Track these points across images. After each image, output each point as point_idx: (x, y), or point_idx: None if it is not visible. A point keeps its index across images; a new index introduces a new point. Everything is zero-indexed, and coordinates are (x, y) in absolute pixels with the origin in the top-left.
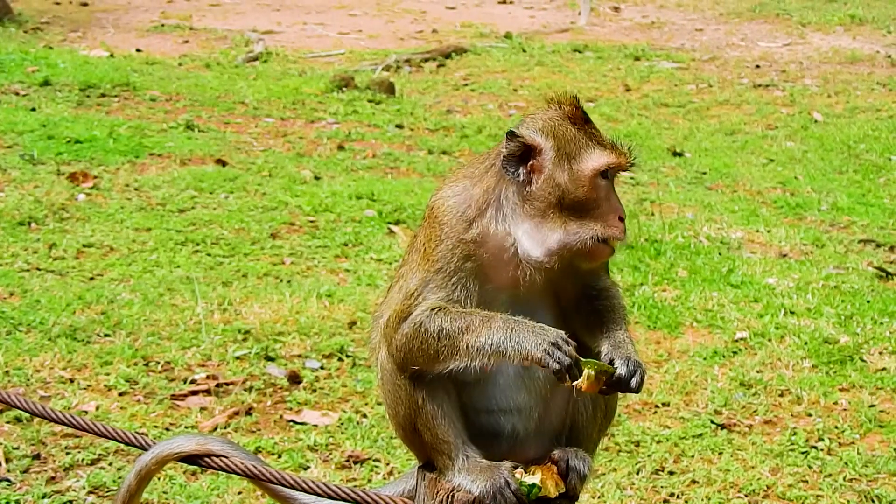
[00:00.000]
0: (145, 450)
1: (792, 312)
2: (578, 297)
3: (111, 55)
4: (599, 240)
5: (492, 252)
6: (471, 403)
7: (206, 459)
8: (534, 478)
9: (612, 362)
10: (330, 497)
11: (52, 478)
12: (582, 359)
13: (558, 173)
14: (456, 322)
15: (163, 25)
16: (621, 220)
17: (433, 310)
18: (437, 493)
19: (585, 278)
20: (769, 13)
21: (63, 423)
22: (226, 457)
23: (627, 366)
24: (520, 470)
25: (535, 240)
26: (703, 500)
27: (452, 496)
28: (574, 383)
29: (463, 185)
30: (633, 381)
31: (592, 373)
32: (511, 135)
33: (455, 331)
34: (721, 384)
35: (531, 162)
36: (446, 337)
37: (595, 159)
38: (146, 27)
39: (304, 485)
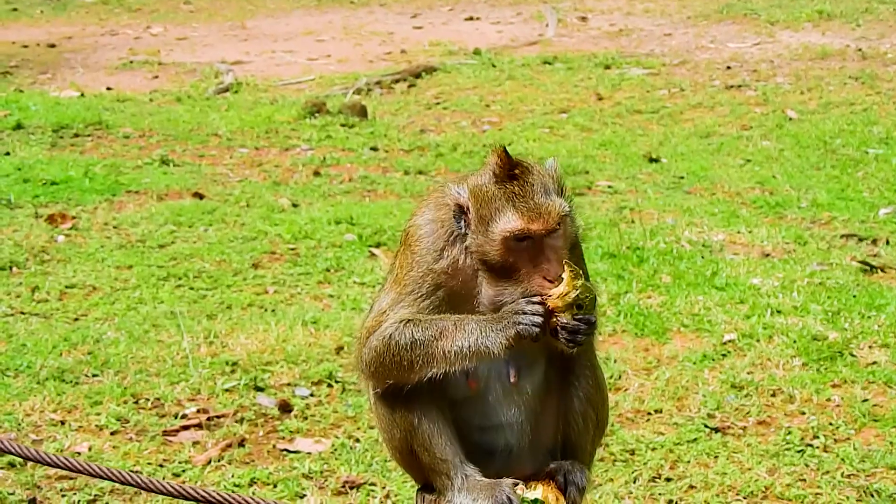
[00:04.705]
0: (141, 489)
1: (779, 311)
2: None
3: (82, 95)
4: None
5: (463, 284)
6: (463, 421)
7: None
8: (535, 493)
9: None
10: None
11: None
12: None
13: (478, 235)
14: (428, 330)
15: (131, 62)
16: (550, 280)
17: (402, 322)
18: None
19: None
20: (737, 13)
21: (57, 466)
22: None
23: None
24: (521, 486)
25: (485, 291)
26: None
27: None
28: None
29: (434, 213)
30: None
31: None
32: (450, 190)
33: (428, 339)
34: (712, 387)
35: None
36: (419, 346)
37: (503, 224)
38: (115, 65)
39: None
